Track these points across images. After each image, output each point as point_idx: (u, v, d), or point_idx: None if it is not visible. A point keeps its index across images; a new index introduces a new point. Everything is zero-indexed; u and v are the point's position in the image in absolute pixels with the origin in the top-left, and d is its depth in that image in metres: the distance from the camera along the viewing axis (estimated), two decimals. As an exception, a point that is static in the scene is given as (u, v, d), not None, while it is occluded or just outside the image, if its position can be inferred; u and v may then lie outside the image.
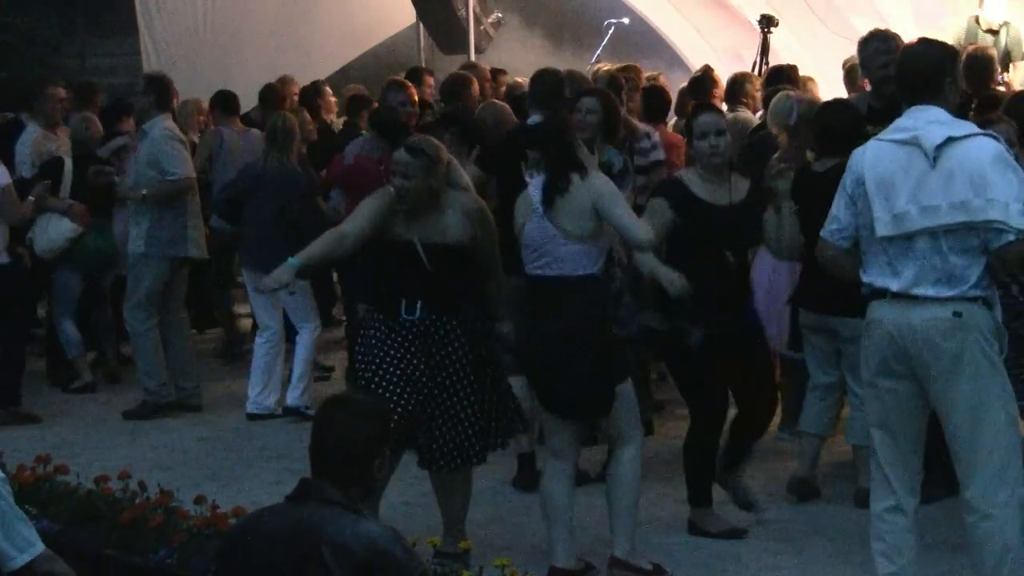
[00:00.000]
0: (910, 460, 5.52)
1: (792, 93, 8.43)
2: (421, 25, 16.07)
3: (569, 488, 6.45)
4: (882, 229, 5.38)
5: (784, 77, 9.22)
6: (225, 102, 11.12)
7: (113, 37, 17.70)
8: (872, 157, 5.49)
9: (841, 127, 7.18)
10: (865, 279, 5.49)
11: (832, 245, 5.61)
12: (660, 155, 8.69)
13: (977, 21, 12.22)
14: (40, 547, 5.05)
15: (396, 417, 6.24)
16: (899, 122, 5.52)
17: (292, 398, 9.37)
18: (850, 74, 10.04)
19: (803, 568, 6.52)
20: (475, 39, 15.05)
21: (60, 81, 11.16)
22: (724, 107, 9.83)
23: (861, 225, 5.48)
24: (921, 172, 5.35)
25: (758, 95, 9.96)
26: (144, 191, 9.49)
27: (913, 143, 5.38)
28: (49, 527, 6.56)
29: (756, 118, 9.46)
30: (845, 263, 5.62)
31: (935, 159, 5.32)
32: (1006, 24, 12.47)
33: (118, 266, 10.28)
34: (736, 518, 6.99)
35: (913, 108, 5.49)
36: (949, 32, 12.94)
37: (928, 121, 5.40)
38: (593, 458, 7.51)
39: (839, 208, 5.57)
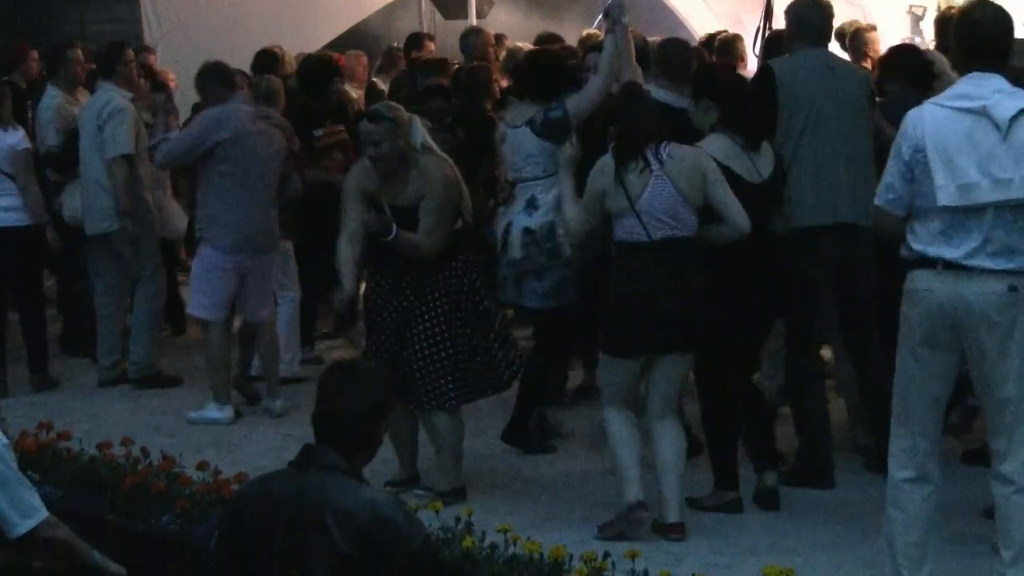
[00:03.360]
0: (936, 429, 5.49)
1: None
2: (422, -10, 16.03)
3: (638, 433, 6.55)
4: (945, 199, 5.24)
5: (783, 42, 9.15)
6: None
7: (113, 3, 17.60)
8: (932, 124, 5.30)
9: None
10: (915, 246, 5.36)
11: (890, 214, 5.46)
12: None
13: None
14: (44, 513, 5.08)
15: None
16: (959, 88, 5.35)
17: (282, 366, 9.21)
18: (853, 40, 10.02)
19: (803, 532, 6.53)
20: (476, 4, 14.99)
21: (79, 43, 11.04)
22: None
23: (916, 192, 5.34)
24: (990, 143, 5.22)
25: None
26: None
27: (981, 112, 5.23)
28: (51, 493, 6.58)
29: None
30: (901, 230, 5.48)
31: (1007, 132, 5.19)
32: None
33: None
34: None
35: (973, 75, 5.32)
36: None
37: (993, 90, 5.26)
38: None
39: (894, 176, 5.39)
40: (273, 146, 8.70)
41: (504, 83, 10.04)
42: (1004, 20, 5.46)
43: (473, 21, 14.56)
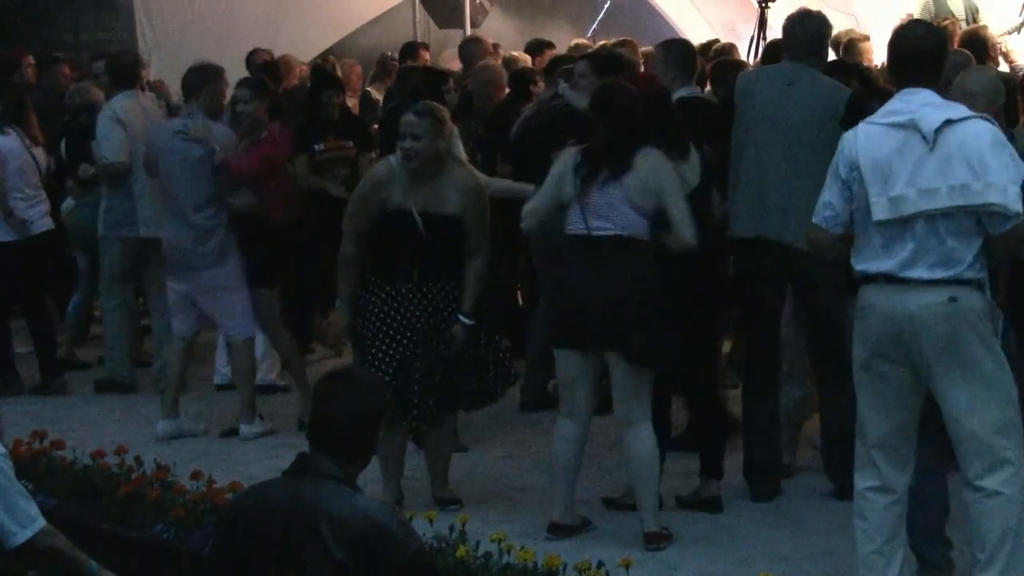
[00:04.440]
0: (902, 441, 5.52)
1: None
2: (417, -1, 16.06)
3: (576, 450, 6.60)
4: (879, 213, 5.32)
5: (781, 52, 9.16)
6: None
7: (108, 12, 17.61)
8: (865, 141, 5.41)
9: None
10: (858, 265, 5.44)
11: (826, 231, 5.56)
12: None
13: None
14: (41, 522, 5.08)
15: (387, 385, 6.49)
16: (890, 105, 5.46)
17: (259, 375, 9.16)
18: (847, 49, 10.03)
19: (797, 540, 6.55)
20: (471, 13, 15.02)
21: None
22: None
23: (855, 209, 5.43)
24: (918, 155, 5.30)
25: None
26: (92, 171, 9.68)
27: (910, 126, 5.32)
28: (45, 502, 6.56)
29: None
30: (839, 249, 5.58)
31: (933, 143, 5.27)
32: None
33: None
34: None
35: (904, 91, 5.43)
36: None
37: (922, 104, 5.35)
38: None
39: (832, 194, 5.49)
40: (186, 161, 8.39)
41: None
42: (933, 37, 5.56)
43: (467, 30, 14.59)
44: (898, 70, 5.55)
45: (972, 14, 12.51)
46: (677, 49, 7.93)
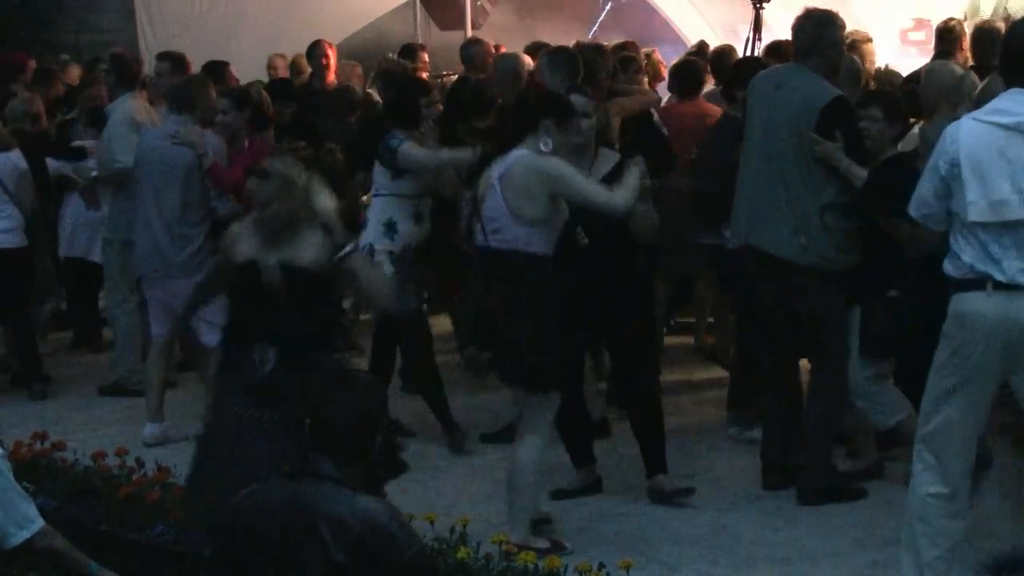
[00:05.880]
0: (972, 448, 5.46)
1: None
2: (418, 0, 16.08)
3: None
4: (975, 215, 5.21)
5: (783, 53, 9.16)
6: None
7: (109, 13, 17.64)
8: (968, 138, 5.28)
9: None
10: (964, 257, 5.28)
11: (923, 228, 5.48)
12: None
13: None
14: (40, 523, 5.08)
15: None
16: (998, 103, 5.34)
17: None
18: (850, 51, 10.00)
19: (799, 542, 6.54)
20: (472, 14, 15.04)
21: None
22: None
23: (955, 208, 5.29)
24: (1023, 160, 5.19)
25: None
26: (95, 173, 9.62)
27: (1015, 128, 5.21)
28: (46, 503, 6.56)
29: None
30: (938, 245, 5.46)
31: None
32: None
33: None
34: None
35: (1013, 90, 5.31)
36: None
37: None
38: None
39: (929, 191, 5.38)
40: (175, 165, 8.36)
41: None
42: None
43: (468, 32, 14.61)
44: (1006, 67, 5.42)
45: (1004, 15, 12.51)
46: (561, 57, 7.98)
